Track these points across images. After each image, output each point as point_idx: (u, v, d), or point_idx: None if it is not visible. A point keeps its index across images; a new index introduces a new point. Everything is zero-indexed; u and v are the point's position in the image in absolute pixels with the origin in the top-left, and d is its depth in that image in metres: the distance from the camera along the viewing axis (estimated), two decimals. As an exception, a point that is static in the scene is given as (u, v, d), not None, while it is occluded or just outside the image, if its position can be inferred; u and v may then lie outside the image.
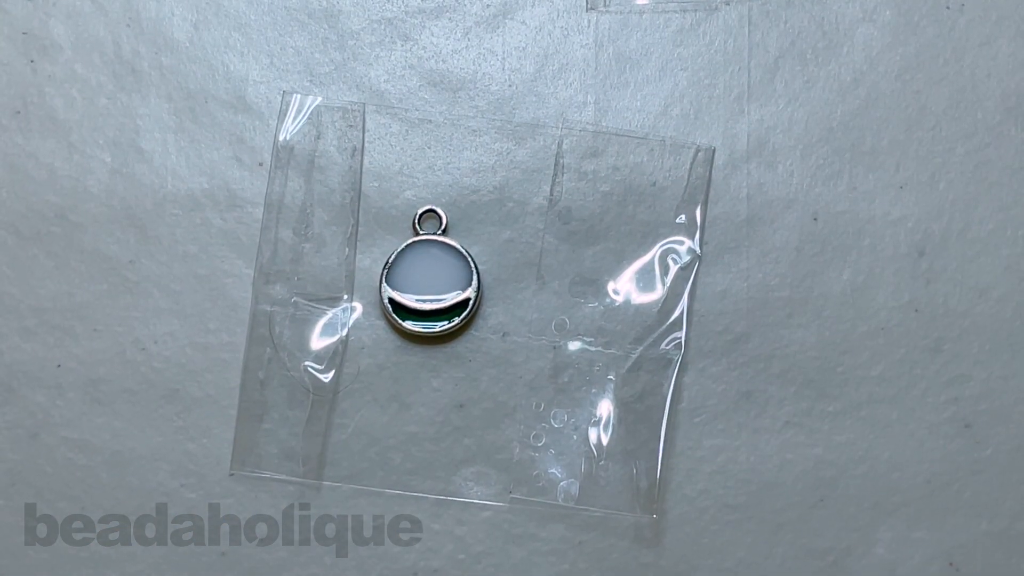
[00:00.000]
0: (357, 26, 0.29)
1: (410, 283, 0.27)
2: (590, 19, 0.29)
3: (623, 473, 0.27)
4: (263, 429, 0.27)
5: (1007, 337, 0.28)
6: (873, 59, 0.29)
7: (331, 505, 0.27)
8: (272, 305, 0.27)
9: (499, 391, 0.28)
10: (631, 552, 0.27)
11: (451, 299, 0.27)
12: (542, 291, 0.28)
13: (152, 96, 0.29)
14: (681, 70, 0.29)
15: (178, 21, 0.29)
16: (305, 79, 0.29)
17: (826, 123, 0.29)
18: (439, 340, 0.28)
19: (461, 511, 0.27)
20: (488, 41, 0.29)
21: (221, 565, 0.27)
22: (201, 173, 0.28)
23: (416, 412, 0.27)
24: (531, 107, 0.29)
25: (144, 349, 0.28)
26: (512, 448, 0.27)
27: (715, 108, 0.29)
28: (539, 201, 0.28)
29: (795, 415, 0.28)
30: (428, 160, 0.29)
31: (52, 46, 0.29)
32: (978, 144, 0.29)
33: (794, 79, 0.29)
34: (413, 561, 0.27)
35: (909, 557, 0.27)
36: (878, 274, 0.28)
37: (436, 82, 0.29)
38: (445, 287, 0.27)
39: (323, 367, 0.27)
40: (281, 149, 0.28)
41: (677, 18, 0.29)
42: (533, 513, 0.27)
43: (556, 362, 0.27)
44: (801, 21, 0.29)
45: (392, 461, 0.27)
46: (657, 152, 0.28)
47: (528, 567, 0.27)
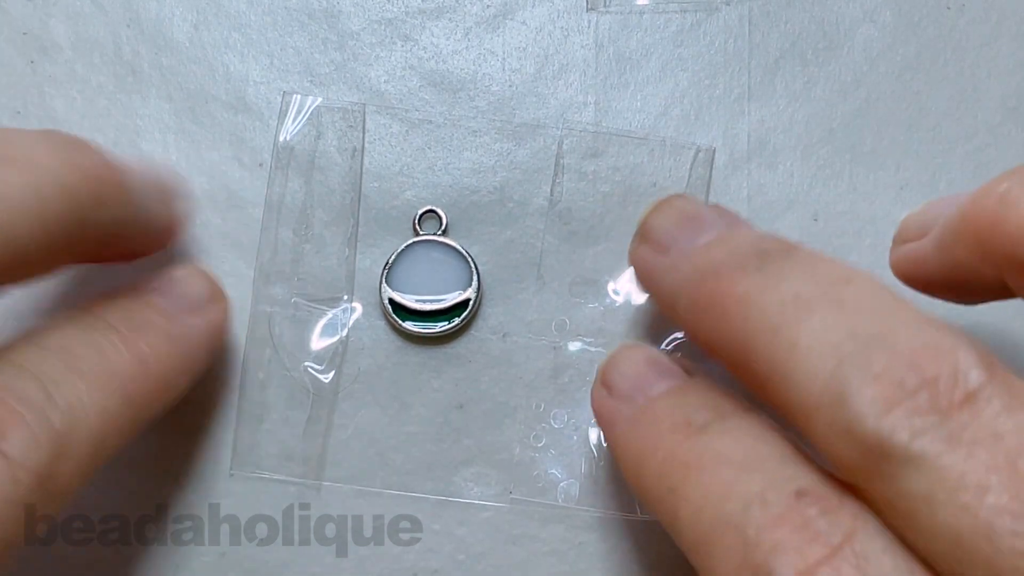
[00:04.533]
0: (357, 26, 0.29)
1: (410, 283, 0.27)
2: (590, 19, 0.29)
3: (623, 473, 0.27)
4: (263, 429, 0.27)
5: (1007, 337, 0.28)
6: (873, 59, 0.29)
7: (331, 505, 0.27)
8: (272, 306, 0.27)
9: (499, 392, 0.27)
10: (631, 553, 0.27)
11: (451, 299, 0.27)
12: (542, 291, 0.28)
13: (152, 96, 0.29)
14: (681, 70, 0.29)
15: (178, 21, 0.29)
16: (305, 79, 0.29)
17: (826, 123, 0.29)
18: (439, 340, 0.28)
19: (461, 511, 0.27)
20: (488, 41, 0.29)
21: (221, 565, 0.27)
22: (201, 173, 0.28)
23: (416, 412, 0.27)
24: (531, 107, 0.29)
25: (144, 349, 0.28)
26: (512, 448, 0.27)
27: (715, 108, 0.29)
28: (539, 202, 0.28)
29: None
30: (428, 160, 0.29)
31: (52, 46, 0.29)
32: (978, 144, 0.29)
33: (794, 79, 0.29)
34: (413, 561, 0.27)
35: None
36: (878, 274, 0.28)
37: (436, 82, 0.29)
38: (445, 287, 0.27)
39: (323, 367, 0.27)
40: (281, 150, 0.28)
41: (677, 18, 0.29)
42: (533, 513, 0.27)
43: (556, 362, 0.27)
44: (801, 21, 0.29)
45: (392, 461, 0.27)
46: (657, 152, 0.28)
47: (528, 568, 0.27)
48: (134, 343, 0.22)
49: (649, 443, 0.21)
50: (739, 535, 0.18)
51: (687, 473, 0.20)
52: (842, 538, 0.17)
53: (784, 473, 0.19)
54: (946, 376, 0.17)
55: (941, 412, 0.16)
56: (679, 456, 0.20)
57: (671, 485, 0.20)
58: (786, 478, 0.19)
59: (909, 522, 0.17)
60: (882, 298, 0.19)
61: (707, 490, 0.19)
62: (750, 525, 0.18)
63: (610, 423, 0.23)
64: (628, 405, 0.23)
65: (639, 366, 0.23)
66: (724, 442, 0.20)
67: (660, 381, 0.23)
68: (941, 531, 0.16)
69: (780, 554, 0.17)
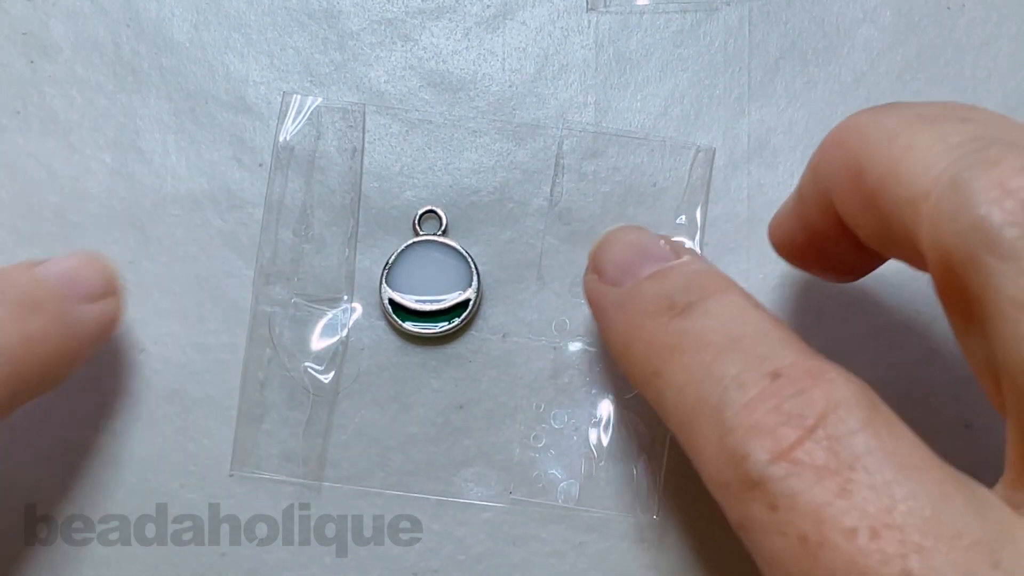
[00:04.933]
0: (357, 26, 0.29)
1: (410, 284, 0.27)
2: (590, 19, 0.29)
3: (623, 474, 0.27)
4: (263, 430, 0.27)
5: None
6: (874, 59, 0.29)
7: (331, 505, 0.27)
8: (272, 306, 0.27)
9: (499, 392, 0.27)
10: (631, 553, 0.27)
11: (451, 300, 0.27)
12: (542, 292, 0.28)
13: (152, 96, 0.29)
14: (681, 70, 0.29)
15: (178, 21, 0.29)
16: (305, 79, 0.29)
17: (827, 124, 0.29)
18: (439, 341, 0.28)
19: (461, 511, 0.27)
20: (488, 41, 0.29)
21: (221, 565, 0.27)
22: (201, 173, 0.28)
23: (416, 413, 0.27)
24: (531, 107, 0.29)
25: (144, 350, 0.28)
26: (512, 449, 0.27)
27: (715, 108, 0.29)
28: (539, 202, 0.28)
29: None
30: (428, 160, 0.29)
31: (52, 46, 0.29)
32: (978, 144, 0.29)
33: (795, 79, 0.29)
34: (413, 561, 0.27)
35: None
36: (878, 274, 0.28)
37: (436, 82, 0.29)
38: (445, 288, 0.27)
39: (323, 368, 0.27)
40: (281, 150, 0.28)
41: (677, 18, 0.29)
42: (533, 514, 0.27)
43: (556, 363, 0.27)
44: (802, 21, 0.29)
45: (392, 461, 0.27)
46: (657, 153, 0.28)
47: (528, 568, 0.27)
48: (23, 322, 0.22)
49: (635, 326, 0.22)
50: (717, 418, 0.18)
51: (670, 355, 0.20)
52: (815, 419, 0.17)
53: (761, 352, 0.19)
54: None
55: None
56: (662, 339, 0.21)
57: (655, 368, 0.20)
58: (762, 357, 0.19)
59: (994, 310, 0.16)
60: None
61: (688, 372, 0.19)
62: (727, 408, 0.18)
63: (600, 308, 0.24)
64: (616, 289, 0.23)
65: (627, 249, 0.23)
66: (705, 323, 0.20)
67: (647, 264, 0.23)
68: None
69: (754, 437, 0.17)
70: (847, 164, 0.20)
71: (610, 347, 0.23)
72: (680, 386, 0.20)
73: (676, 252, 0.23)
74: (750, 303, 0.21)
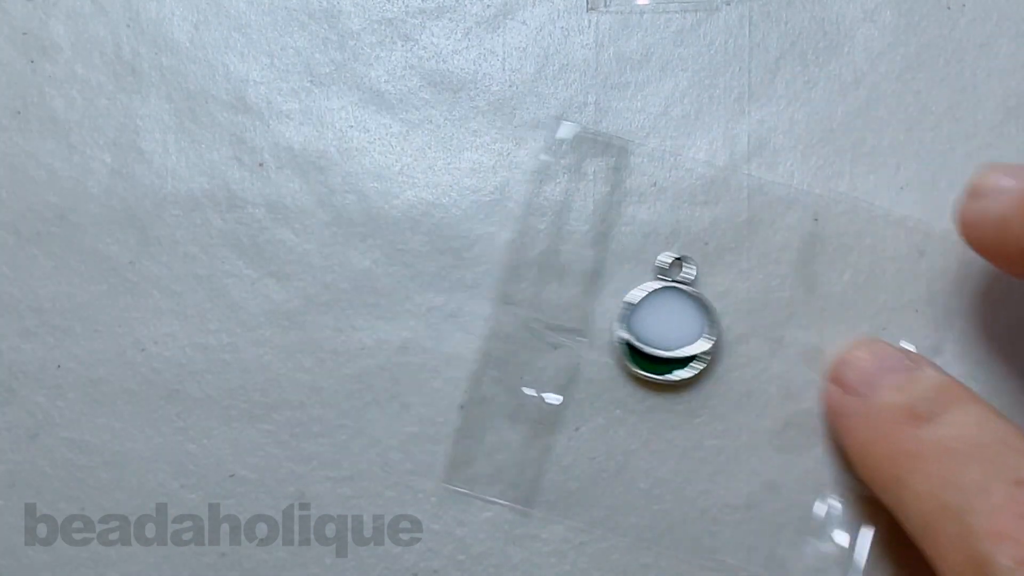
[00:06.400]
0: (357, 26, 0.29)
1: (648, 328, 0.27)
2: (590, 19, 0.29)
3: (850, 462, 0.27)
4: (480, 448, 0.27)
5: (1007, 337, 0.28)
6: (874, 59, 0.29)
7: (331, 505, 0.27)
8: (509, 326, 0.27)
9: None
10: (631, 552, 0.27)
11: (688, 351, 0.27)
12: (777, 354, 0.27)
13: (152, 96, 0.29)
14: (681, 70, 0.29)
15: (178, 21, 0.29)
16: (305, 79, 0.29)
17: (827, 123, 0.29)
18: (672, 388, 0.27)
19: (461, 511, 0.27)
20: (488, 41, 0.29)
21: (221, 565, 0.27)
22: (201, 173, 0.28)
23: (641, 462, 0.27)
24: (531, 107, 0.29)
25: (144, 349, 0.28)
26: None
27: (715, 108, 0.29)
28: (539, 201, 0.28)
29: (796, 415, 0.28)
30: (428, 160, 0.29)
31: (52, 46, 0.29)
32: (979, 144, 0.29)
33: (795, 79, 0.29)
34: (413, 561, 0.27)
35: (910, 558, 0.27)
36: (878, 274, 0.28)
37: (436, 82, 0.29)
38: (683, 338, 0.27)
39: (550, 393, 0.27)
40: (543, 173, 0.28)
41: (677, 18, 0.29)
42: (533, 514, 0.27)
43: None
44: (802, 21, 0.29)
45: (602, 500, 0.27)
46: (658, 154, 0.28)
47: (528, 568, 0.27)
48: None
49: (877, 434, 0.22)
50: (961, 524, 0.19)
51: (912, 462, 0.21)
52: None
53: (1006, 462, 0.19)
54: None
55: None
56: (904, 446, 0.21)
57: (896, 475, 0.21)
58: (1007, 467, 0.19)
59: None
60: None
61: (931, 479, 0.20)
62: (971, 514, 0.19)
63: (841, 416, 0.25)
64: (857, 399, 0.24)
65: (867, 361, 0.25)
66: (948, 432, 0.21)
67: (887, 375, 0.24)
68: None
69: (999, 543, 0.18)
70: None
71: (849, 454, 0.24)
72: (922, 492, 0.20)
73: (916, 363, 0.24)
74: (992, 412, 0.21)
